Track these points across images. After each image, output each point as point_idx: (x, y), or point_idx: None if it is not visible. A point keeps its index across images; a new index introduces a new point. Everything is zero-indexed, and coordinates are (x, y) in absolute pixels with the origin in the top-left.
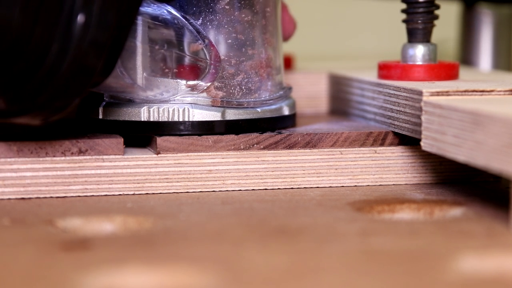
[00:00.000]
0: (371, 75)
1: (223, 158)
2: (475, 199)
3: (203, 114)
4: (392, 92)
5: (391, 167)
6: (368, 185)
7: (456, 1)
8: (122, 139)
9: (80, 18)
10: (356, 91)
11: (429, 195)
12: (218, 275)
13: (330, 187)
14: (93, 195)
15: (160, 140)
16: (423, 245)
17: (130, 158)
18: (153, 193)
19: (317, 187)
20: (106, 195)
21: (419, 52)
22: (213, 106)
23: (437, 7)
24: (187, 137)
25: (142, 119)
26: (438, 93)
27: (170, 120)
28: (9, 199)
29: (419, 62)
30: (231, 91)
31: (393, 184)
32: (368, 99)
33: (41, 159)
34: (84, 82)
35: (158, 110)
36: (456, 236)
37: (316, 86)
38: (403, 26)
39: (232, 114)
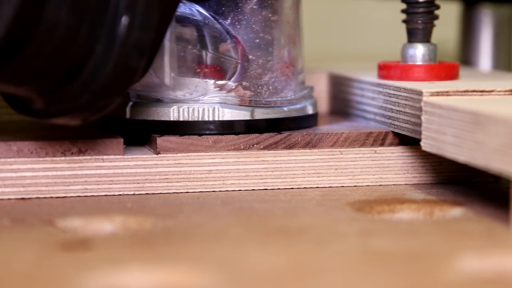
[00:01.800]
0: (371, 75)
1: (223, 158)
2: (475, 199)
3: (233, 113)
4: (392, 92)
5: (391, 167)
6: (368, 185)
7: (456, 1)
8: (122, 139)
9: (125, 19)
10: (356, 91)
11: (429, 195)
12: (218, 275)
13: (330, 187)
14: (93, 195)
15: (160, 140)
16: (423, 245)
17: (130, 158)
18: (153, 193)
19: (317, 187)
20: (106, 195)
21: (419, 52)
22: (241, 105)
23: (437, 7)
24: (187, 137)
25: (172, 119)
26: (438, 93)
27: (200, 119)
28: (9, 199)
29: (419, 62)
30: (258, 90)
31: (393, 184)
32: (368, 99)
33: (41, 159)
34: (127, 82)
35: (188, 109)
36: (456, 236)
37: (316, 86)
38: (403, 26)
39: (260, 114)
